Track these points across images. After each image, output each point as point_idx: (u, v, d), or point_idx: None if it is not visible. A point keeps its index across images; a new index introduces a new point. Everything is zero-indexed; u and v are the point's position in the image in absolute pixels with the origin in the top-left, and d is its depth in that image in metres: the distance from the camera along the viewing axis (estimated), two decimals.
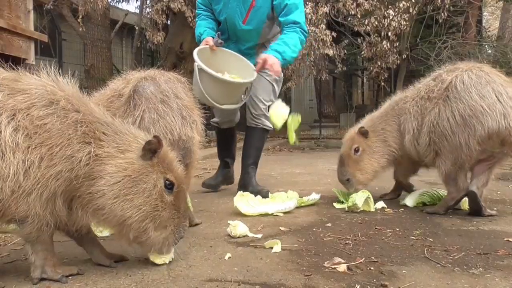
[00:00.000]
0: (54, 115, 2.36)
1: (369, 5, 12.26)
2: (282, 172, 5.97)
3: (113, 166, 2.44)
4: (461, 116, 3.89)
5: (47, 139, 2.31)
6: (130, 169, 2.46)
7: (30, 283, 2.49)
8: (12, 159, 2.22)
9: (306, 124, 19.17)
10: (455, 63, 4.41)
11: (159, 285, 2.46)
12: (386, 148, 4.63)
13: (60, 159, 2.32)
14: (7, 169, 2.21)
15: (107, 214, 2.45)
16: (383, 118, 4.70)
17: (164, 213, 2.55)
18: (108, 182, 2.41)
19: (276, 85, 5.21)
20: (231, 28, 5.10)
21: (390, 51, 12.85)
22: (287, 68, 14.70)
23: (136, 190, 2.46)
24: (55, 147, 2.32)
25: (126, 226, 2.49)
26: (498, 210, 4.32)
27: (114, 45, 16.75)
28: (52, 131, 2.33)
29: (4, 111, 2.28)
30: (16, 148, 2.24)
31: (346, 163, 4.73)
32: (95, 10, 13.12)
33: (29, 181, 2.26)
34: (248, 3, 4.85)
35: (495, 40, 16.15)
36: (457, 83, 3.99)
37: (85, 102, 2.59)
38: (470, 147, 3.87)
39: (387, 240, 3.35)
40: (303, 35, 4.85)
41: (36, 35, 6.05)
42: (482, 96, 3.84)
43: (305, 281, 2.50)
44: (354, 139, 4.72)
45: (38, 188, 2.29)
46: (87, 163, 2.39)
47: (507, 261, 2.83)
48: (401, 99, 4.63)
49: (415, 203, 4.59)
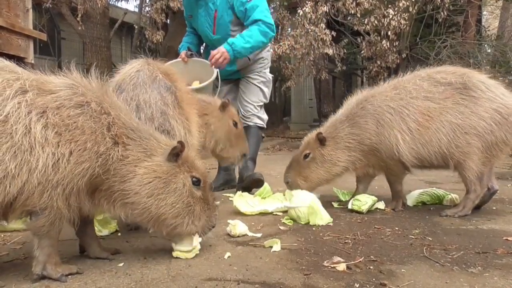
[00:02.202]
0: (86, 115, 2.51)
1: (368, 4, 12.26)
2: (281, 171, 5.94)
3: (143, 168, 2.65)
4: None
5: (77, 136, 2.43)
6: (159, 171, 2.70)
7: (29, 282, 2.49)
8: (41, 153, 2.33)
9: (306, 124, 19.20)
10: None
11: (159, 284, 2.46)
12: (346, 156, 4.40)
13: (89, 156, 2.46)
14: (36, 162, 2.31)
15: (141, 210, 2.68)
16: (349, 121, 4.43)
17: (196, 207, 2.84)
18: (140, 182, 2.63)
19: (264, 87, 5.47)
20: (206, 40, 5.43)
21: (390, 50, 12.84)
22: (286, 68, 14.73)
23: (168, 190, 2.71)
24: (86, 143, 2.45)
25: (160, 222, 2.74)
26: (497, 209, 4.34)
27: (114, 44, 16.76)
28: (83, 129, 2.46)
29: (34, 109, 2.38)
30: (45, 143, 2.34)
31: (292, 166, 4.66)
32: (94, 8, 13.14)
33: (57, 174, 2.37)
34: (212, 15, 5.10)
35: (494, 40, 16.12)
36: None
37: (114, 105, 2.72)
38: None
39: (386, 239, 3.35)
40: (266, 26, 4.96)
41: (35, 33, 6.04)
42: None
43: (304, 280, 2.50)
44: (309, 143, 4.58)
45: (65, 181, 2.40)
46: (114, 162, 2.57)
47: (506, 260, 2.83)
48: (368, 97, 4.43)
49: (414, 203, 4.60)
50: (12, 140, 2.29)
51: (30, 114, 2.36)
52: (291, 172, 4.63)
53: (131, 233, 3.53)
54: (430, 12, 13.50)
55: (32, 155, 2.31)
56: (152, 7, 13.82)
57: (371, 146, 4.27)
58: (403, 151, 4.10)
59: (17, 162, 2.28)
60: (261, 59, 5.41)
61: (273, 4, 15.95)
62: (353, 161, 4.41)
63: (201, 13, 5.13)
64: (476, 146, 3.97)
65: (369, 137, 4.26)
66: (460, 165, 4.05)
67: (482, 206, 4.31)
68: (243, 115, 5.29)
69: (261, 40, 4.94)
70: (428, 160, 4.14)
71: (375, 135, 4.24)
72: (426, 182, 5.99)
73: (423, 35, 14.25)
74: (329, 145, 4.43)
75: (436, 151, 4.07)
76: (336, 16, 13.28)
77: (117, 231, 3.62)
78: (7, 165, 2.27)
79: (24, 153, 2.31)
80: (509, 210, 4.31)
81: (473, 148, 3.98)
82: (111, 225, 3.60)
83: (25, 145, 2.31)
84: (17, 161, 2.29)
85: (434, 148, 4.06)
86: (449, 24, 15.18)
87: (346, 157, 4.39)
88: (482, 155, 4.00)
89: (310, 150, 4.50)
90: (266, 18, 4.95)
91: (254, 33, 4.89)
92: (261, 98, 5.36)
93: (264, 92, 5.40)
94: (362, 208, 4.20)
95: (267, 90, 5.45)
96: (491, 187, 4.22)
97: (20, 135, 2.30)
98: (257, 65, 5.38)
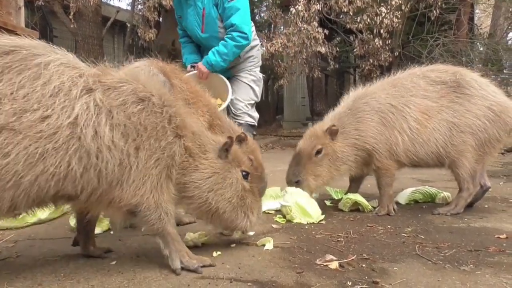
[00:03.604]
0: (147, 110, 2.52)
1: (361, 3, 12.25)
2: (274, 169, 5.96)
3: (201, 164, 2.76)
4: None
5: (143, 132, 2.47)
6: (215, 167, 2.81)
7: (22, 280, 2.48)
8: (115, 152, 2.35)
9: (299, 122, 19.19)
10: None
11: (151, 283, 2.46)
12: (353, 155, 4.21)
13: (157, 149, 2.51)
14: (106, 166, 2.33)
15: (199, 204, 2.78)
16: (353, 116, 4.25)
17: (248, 200, 2.99)
18: (202, 176, 2.74)
19: (255, 85, 5.46)
20: (195, 39, 5.42)
21: (382, 48, 12.85)
22: (279, 66, 14.70)
23: (225, 185, 2.84)
24: (151, 139, 2.49)
25: (218, 215, 2.87)
26: (489, 208, 4.36)
27: (106, 42, 16.66)
28: (146, 124, 2.49)
29: (101, 109, 2.35)
30: (115, 142, 2.35)
31: (303, 163, 4.22)
32: (86, 6, 13.06)
33: (132, 171, 2.42)
34: (200, 13, 5.11)
35: (487, 38, 16.16)
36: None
37: (171, 97, 2.81)
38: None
39: (379, 237, 3.36)
40: (240, 37, 4.95)
41: (27, 31, 5.99)
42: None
43: (297, 278, 2.51)
44: (319, 137, 4.22)
45: (142, 177, 2.46)
46: (180, 155, 2.65)
47: (498, 258, 2.85)
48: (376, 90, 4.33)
49: (407, 201, 4.61)
50: (79, 142, 2.27)
51: (100, 115, 2.33)
52: (302, 170, 4.21)
53: (123, 231, 3.52)
54: (423, 10, 13.52)
55: (99, 159, 2.31)
56: (145, 5, 13.76)
57: (372, 145, 4.14)
58: (401, 153, 4.08)
59: (83, 165, 2.28)
60: (251, 58, 5.41)
61: (265, 2, 15.94)
62: (356, 161, 4.24)
63: (190, 12, 5.15)
64: (470, 144, 4.00)
65: (372, 135, 4.13)
66: (454, 163, 4.06)
67: (474, 204, 4.33)
68: (234, 113, 5.30)
69: (231, 52, 4.98)
70: (424, 160, 4.13)
71: (377, 134, 4.12)
72: (418, 180, 6.02)
73: (416, 33, 14.26)
74: (338, 140, 4.19)
75: (433, 151, 4.06)
76: (328, 14, 13.27)
77: (110, 229, 3.61)
78: (73, 167, 2.25)
79: (91, 158, 2.29)
80: (500, 208, 4.34)
81: (468, 146, 4.00)
82: (103, 223, 3.59)
83: (93, 148, 2.29)
84: (83, 165, 2.28)
85: (431, 147, 4.05)
86: (442, 22, 15.19)
87: (353, 156, 4.21)
88: (475, 152, 4.02)
89: (322, 145, 4.18)
90: (242, 24, 4.94)
91: (224, 49, 4.92)
92: (252, 96, 5.37)
93: (254, 91, 5.42)
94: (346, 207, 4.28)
95: (257, 88, 5.47)
96: (484, 185, 4.24)
97: (88, 138, 2.28)
98: (247, 64, 5.40)
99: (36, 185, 2.21)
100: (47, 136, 2.19)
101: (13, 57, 2.27)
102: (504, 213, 4.14)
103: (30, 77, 2.24)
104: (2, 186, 2.15)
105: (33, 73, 2.26)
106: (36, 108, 2.20)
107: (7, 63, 2.24)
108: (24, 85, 2.22)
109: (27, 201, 2.24)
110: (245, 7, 5.03)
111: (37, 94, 2.22)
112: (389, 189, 4.21)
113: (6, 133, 2.13)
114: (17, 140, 2.14)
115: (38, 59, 2.32)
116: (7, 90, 2.17)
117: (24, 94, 2.20)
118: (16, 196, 2.19)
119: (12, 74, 2.22)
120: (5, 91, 2.17)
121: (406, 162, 4.16)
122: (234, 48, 4.94)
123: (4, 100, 2.16)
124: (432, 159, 4.11)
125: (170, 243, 2.62)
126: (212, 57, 4.94)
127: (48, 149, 2.19)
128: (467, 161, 4.02)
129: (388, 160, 4.13)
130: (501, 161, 7.63)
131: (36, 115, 2.19)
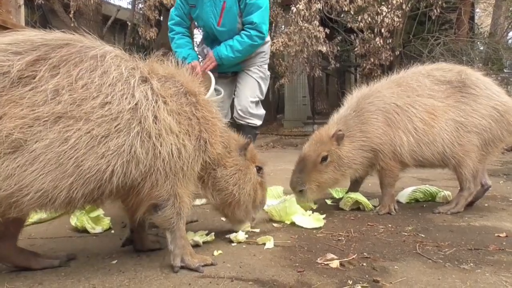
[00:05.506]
0: (190, 105, 2.66)
1: (362, 2, 12.25)
2: (275, 169, 5.98)
3: (227, 162, 3.02)
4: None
5: (192, 123, 2.63)
6: (239, 164, 3.10)
7: (22, 279, 2.48)
8: (166, 140, 2.45)
9: (299, 121, 19.17)
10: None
11: (152, 281, 2.46)
12: (360, 158, 4.12)
13: (199, 143, 2.67)
14: (161, 150, 2.43)
15: (225, 196, 3.04)
16: (358, 117, 4.18)
17: (258, 192, 3.30)
18: (230, 172, 3.02)
19: (262, 82, 5.30)
20: (209, 30, 5.24)
21: (383, 47, 12.84)
22: (280, 65, 14.70)
23: (246, 180, 3.13)
24: (195, 133, 2.64)
25: (238, 206, 3.14)
26: (489, 206, 4.36)
27: (106, 41, 16.58)
28: (190, 117, 2.63)
29: (158, 96, 2.48)
30: (169, 131, 2.47)
31: (307, 171, 4.07)
32: (87, 5, 13.07)
33: (178, 162, 2.52)
34: (219, 6, 4.95)
35: (487, 37, 16.15)
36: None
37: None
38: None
39: (379, 236, 3.36)
40: (258, 36, 4.88)
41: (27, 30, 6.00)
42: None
43: (298, 277, 2.51)
44: (325, 143, 4.10)
45: (186, 168, 2.58)
46: (211, 153, 2.79)
47: (498, 257, 2.85)
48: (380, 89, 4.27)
49: (407, 200, 4.61)
50: (140, 125, 2.36)
51: (158, 102, 2.45)
52: (306, 179, 4.06)
53: (124, 230, 3.52)
54: (424, 10, 13.53)
55: (158, 142, 2.41)
56: (145, 4, 13.79)
57: (377, 146, 4.08)
58: (405, 153, 4.04)
59: (145, 148, 2.37)
60: (262, 53, 5.27)
61: None
62: (362, 163, 4.16)
63: (206, 3, 5.03)
64: (475, 144, 3.99)
65: (378, 136, 4.07)
66: (458, 163, 4.04)
67: (475, 203, 4.33)
68: (238, 111, 5.12)
69: (244, 49, 4.91)
70: (429, 160, 4.10)
71: (382, 134, 4.06)
72: (419, 179, 6.02)
73: (416, 33, 14.26)
74: (345, 144, 4.08)
75: (439, 151, 4.02)
76: (329, 13, 13.28)
77: (110, 228, 3.62)
78: (136, 149, 2.33)
79: (151, 140, 2.39)
80: (501, 207, 4.34)
81: (473, 146, 4.00)
82: (104, 222, 3.60)
83: (154, 131, 2.39)
84: (145, 148, 2.37)
85: (438, 148, 4.02)
86: (442, 21, 15.19)
87: (360, 159, 4.12)
88: (479, 152, 4.02)
89: (327, 152, 4.06)
90: (262, 23, 4.88)
91: (239, 44, 4.82)
92: (258, 93, 5.20)
93: (261, 87, 5.27)
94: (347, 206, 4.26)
95: (264, 86, 5.32)
96: (485, 183, 4.25)
97: (149, 121, 2.38)
98: (258, 59, 5.26)
99: (97, 171, 2.24)
100: (108, 120, 2.26)
101: (68, 50, 2.32)
102: (504, 212, 4.14)
103: (88, 69, 2.31)
104: (61, 173, 2.17)
105: (90, 65, 2.32)
106: (96, 95, 2.27)
107: (63, 56, 2.29)
108: (82, 76, 2.28)
109: (84, 192, 2.26)
110: (266, 6, 4.95)
111: (95, 84, 2.29)
112: (391, 189, 4.20)
113: (66, 121, 2.18)
114: (77, 127, 2.19)
115: (93, 51, 2.40)
116: (65, 82, 2.22)
117: (82, 84, 2.26)
118: (75, 185, 2.21)
119: (69, 67, 2.27)
120: (63, 83, 2.22)
121: (410, 163, 4.13)
122: (249, 46, 4.86)
123: (62, 91, 2.20)
124: (438, 159, 4.08)
125: (177, 239, 2.64)
126: (223, 51, 4.84)
127: (111, 131, 2.26)
128: (471, 161, 4.01)
129: (392, 161, 4.10)
130: (501, 159, 7.64)
131: (97, 101, 2.26)
